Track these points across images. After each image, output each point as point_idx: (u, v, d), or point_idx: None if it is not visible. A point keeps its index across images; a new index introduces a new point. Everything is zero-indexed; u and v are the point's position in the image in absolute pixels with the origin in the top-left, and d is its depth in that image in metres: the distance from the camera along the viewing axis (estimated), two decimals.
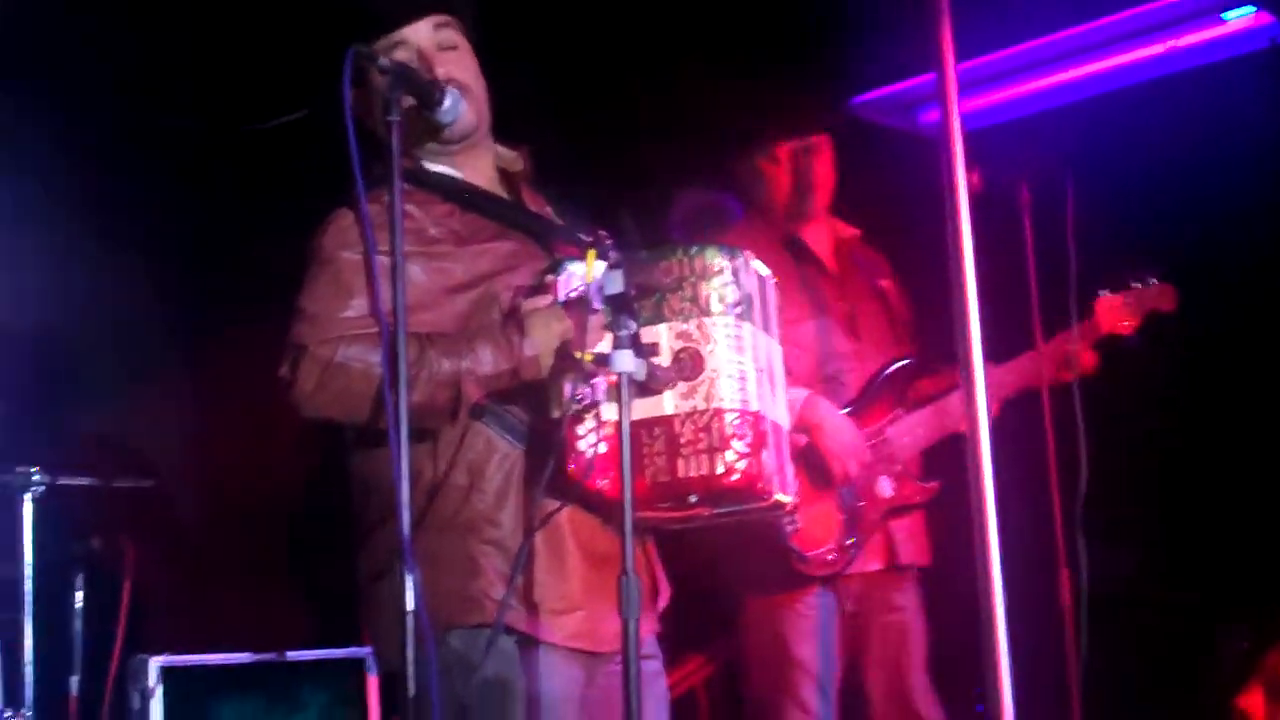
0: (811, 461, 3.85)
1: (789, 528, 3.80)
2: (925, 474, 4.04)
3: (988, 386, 3.10)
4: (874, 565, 3.94)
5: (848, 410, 3.96)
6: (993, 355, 2.52)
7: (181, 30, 5.13)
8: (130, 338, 5.45)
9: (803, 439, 3.75)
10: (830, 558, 3.87)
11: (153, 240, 5.45)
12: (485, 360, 2.67)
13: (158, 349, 5.59)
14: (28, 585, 4.08)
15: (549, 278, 2.76)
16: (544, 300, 2.73)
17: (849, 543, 3.88)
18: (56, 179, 5.41)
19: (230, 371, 4.73)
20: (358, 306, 2.72)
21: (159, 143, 5.52)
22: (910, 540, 4.00)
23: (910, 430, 4.00)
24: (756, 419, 2.62)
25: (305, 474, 5.02)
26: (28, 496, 4.11)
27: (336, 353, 2.67)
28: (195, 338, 5.54)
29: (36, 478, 4.10)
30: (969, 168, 2.52)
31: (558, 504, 2.65)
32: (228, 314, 5.23)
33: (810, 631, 3.88)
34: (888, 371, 4.03)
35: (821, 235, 4.18)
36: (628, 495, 2.46)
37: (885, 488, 3.95)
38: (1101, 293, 4.12)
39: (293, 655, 4.24)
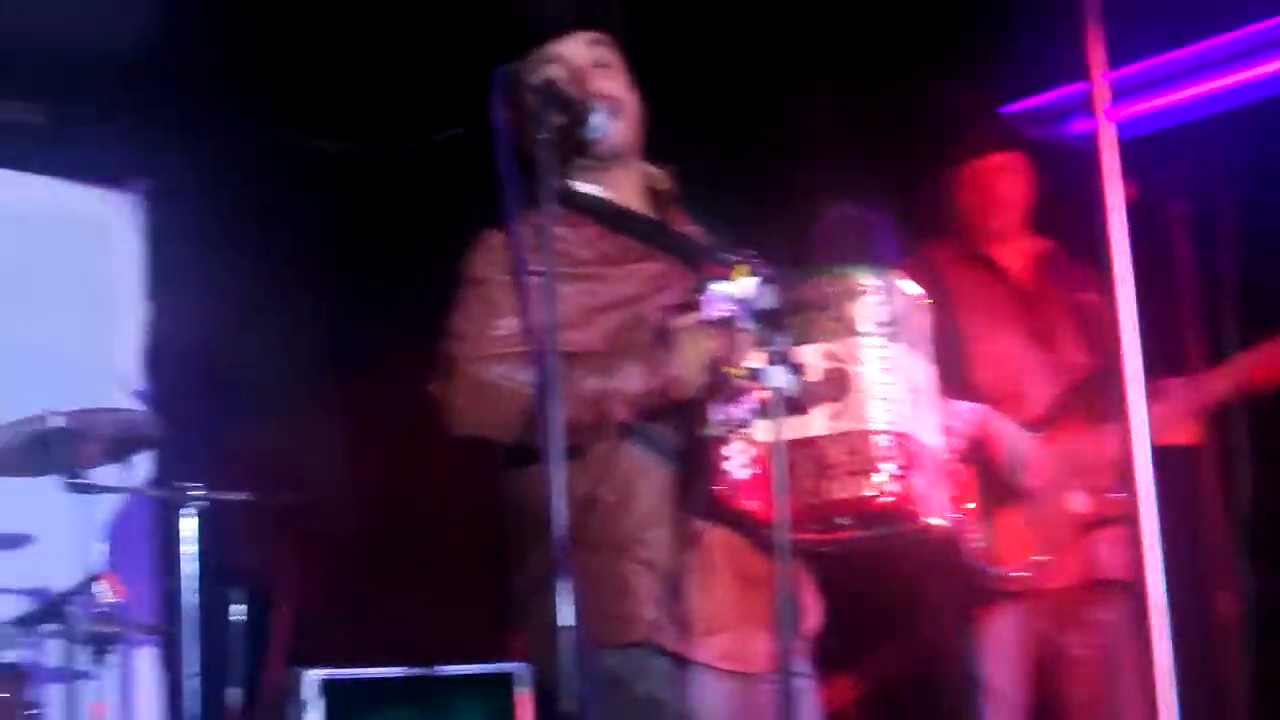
0: (992, 476, 3.80)
1: (974, 544, 3.74)
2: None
3: (1188, 402, 3.01)
4: (1070, 581, 3.83)
5: (1036, 425, 3.89)
6: (1151, 374, 2.48)
7: (337, 50, 5.21)
8: (286, 355, 5.55)
9: (961, 469, 3.66)
10: (1019, 574, 3.79)
11: (308, 259, 5.55)
12: (632, 379, 2.68)
13: (313, 366, 5.69)
14: (188, 599, 4.17)
15: (697, 296, 2.75)
16: (693, 318, 2.72)
17: (1039, 558, 3.80)
18: (213, 201, 5.54)
19: (384, 388, 4.80)
20: (508, 326, 2.74)
21: (315, 163, 5.62)
22: (1112, 555, 3.87)
23: (1102, 444, 3.89)
24: (906, 440, 2.58)
25: (457, 490, 5.07)
26: (188, 511, 4.20)
27: (487, 371, 2.70)
28: (350, 355, 5.63)
29: (196, 493, 4.19)
30: (1124, 181, 2.47)
31: (707, 524, 2.64)
32: (382, 331, 5.30)
33: (998, 650, 3.82)
34: (1078, 386, 3.94)
35: (1015, 252, 4.12)
36: (780, 516, 2.45)
37: (1078, 502, 3.85)
38: None
39: (445, 670, 4.29)
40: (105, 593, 4.09)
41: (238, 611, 4.41)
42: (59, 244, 5.77)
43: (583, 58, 2.92)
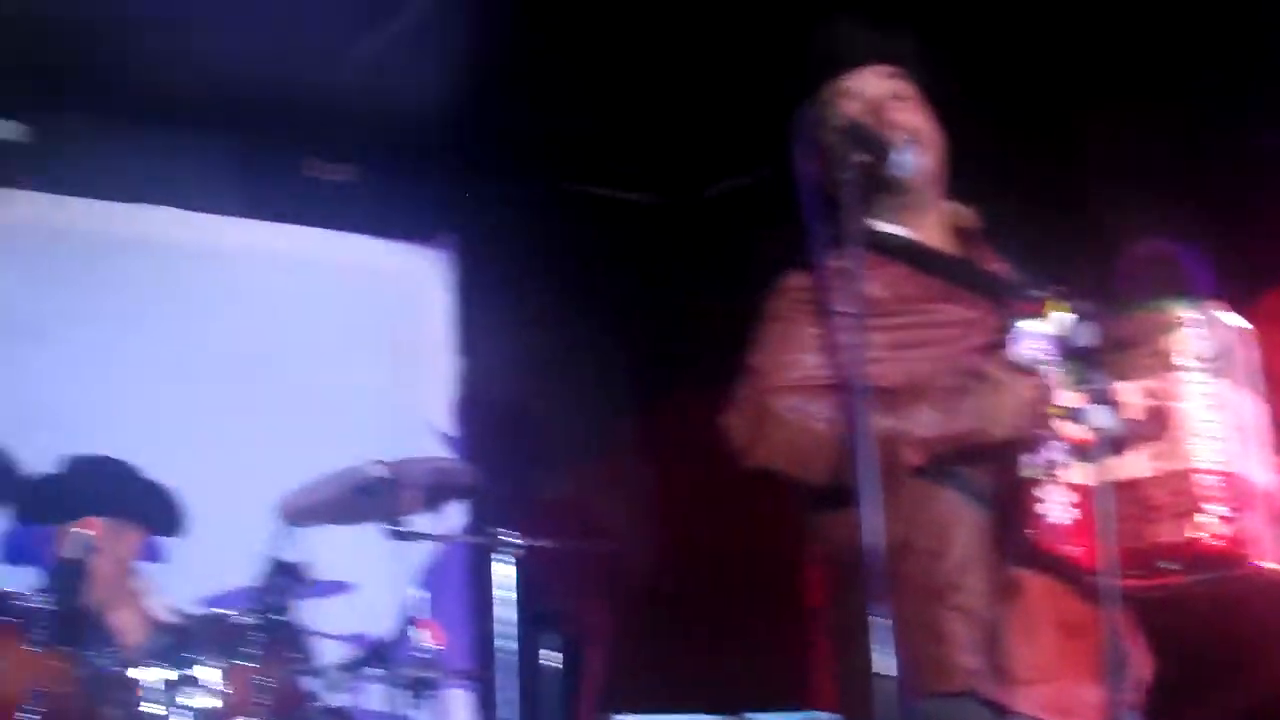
0: None
1: None
2: None
3: None
4: None
5: None
6: None
7: (636, 101, 5.28)
8: (591, 403, 5.63)
9: None
10: None
11: (609, 310, 5.63)
12: (925, 422, 2.62)
13: (618, 413, 5.76)
14: (503, 644, 4.23)
15: (1007, 335, 2.69)
16: (1003, 358, 2.65)
17: None
18: (518, 254, 5.67)
19: (689, 433, 4.82)
20: (805, 363, 2.72)
21: (616, 214, 5.71)
22: None
23: None
24: (1234, 480, 2.47)
25: (762, 533, 5.06)
26: (502, 558, 4.27)
27: (777, 404, 2.69)
28: (651, 402, 5.68)
29: (510, 540, 4.26)
30: None
31: (1025, 569, 2.57)
32: (685, 377, 5.33)
33: None
34: None
35: None
36: (1103, 561, 2.37)
37: None
38: None
39: (752, 717, 4.27)
40: (424, 638, 4.19)
41: (551, 657, 4.47)
42: (372, 300, 5.98)
43: (879, 90, 2.89)
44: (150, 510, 4.48)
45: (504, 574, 4.25)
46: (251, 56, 4.97)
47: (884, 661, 2.32)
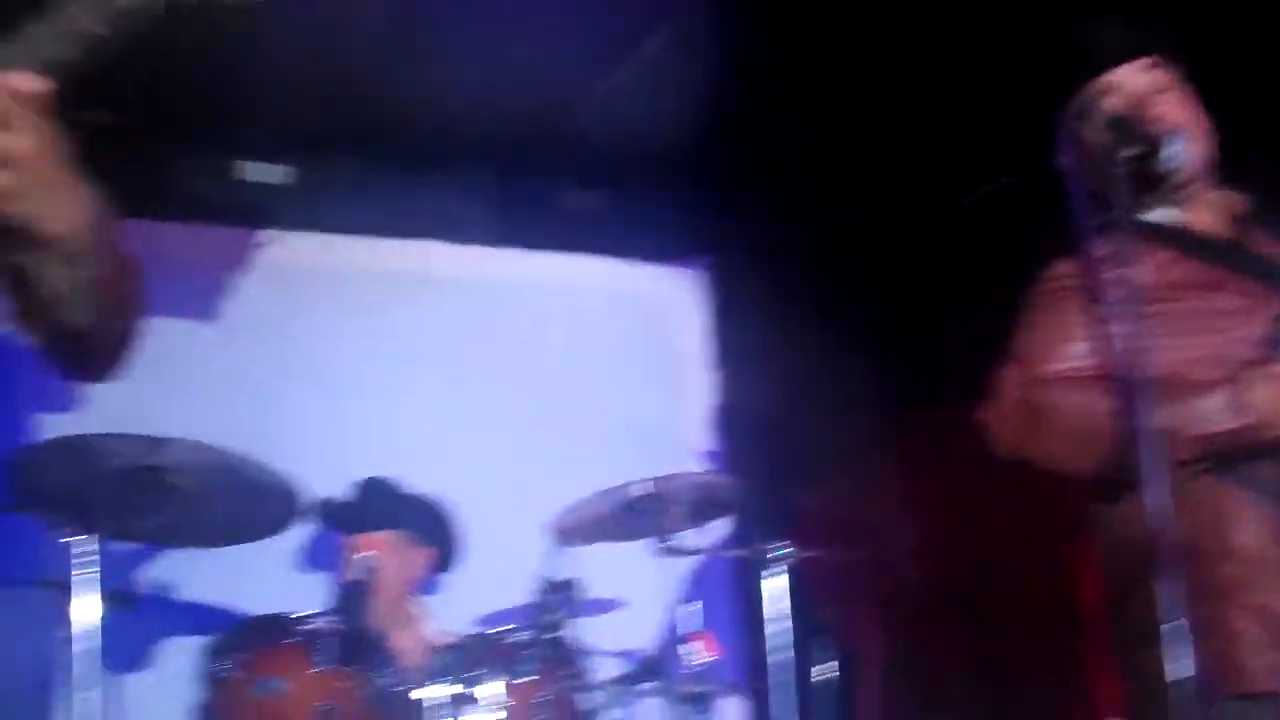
0: None
1: None
2: None
3: None
4: None
5: None
6: None
7: (883, 113, 5.24)
8: (850, 414, 5.61)
9: None
10: None
11: (863, 321, 5.60)
12: (1200, 417, 2.55)
13: (876, 424, 5.72)
14: (776, 658, 4.23)
15: None
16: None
17: None
18: (773, 274, 5.68)
19: (946, 443, 4.77)
20: (1067, 352, 2.68)
21: (860, 228, 5.67)
22: None
23: None
24: None
25: (1031, 538, 4.97)
26: (773, 571, 4.27)
27: (1034, 393, 2.66)
28: (911, 410, 5.62)
29: (779, 552, 4.25)
30: None
31: None
32: (941, 385, 5.28)
33: None
34: None
35: None
36: None
37: None
38: None
39: None
40: (698, 652, 4.21)
41: (826, 670, 4.45)
42: (630, 321, 6.05)
43: (1141, 84, 2.84)
44: (432, 527, 4.60)
45: (775, 586, 4.25)
46: (504, 92, 5.07)
47: (1176, 666, 2.26)
